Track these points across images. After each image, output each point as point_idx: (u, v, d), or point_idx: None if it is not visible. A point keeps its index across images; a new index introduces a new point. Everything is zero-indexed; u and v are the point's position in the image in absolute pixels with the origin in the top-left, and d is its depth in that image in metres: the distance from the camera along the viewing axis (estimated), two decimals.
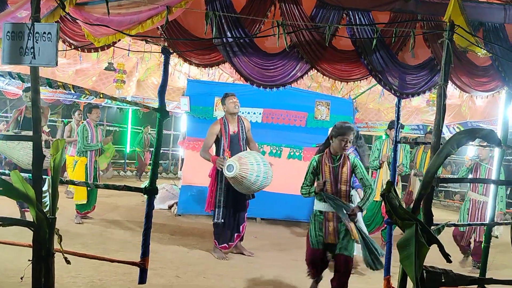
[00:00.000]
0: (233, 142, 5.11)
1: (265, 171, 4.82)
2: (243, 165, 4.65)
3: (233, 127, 5.17)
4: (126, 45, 5.48)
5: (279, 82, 3.60)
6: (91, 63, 7.97)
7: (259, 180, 4.75)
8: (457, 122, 9.10)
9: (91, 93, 3.07)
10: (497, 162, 3.49)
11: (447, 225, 4.01)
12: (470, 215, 5.57)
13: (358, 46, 3.43)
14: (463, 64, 3.59)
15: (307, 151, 7.62)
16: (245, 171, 4.63)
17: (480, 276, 3.16)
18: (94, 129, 6.72)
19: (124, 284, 3.94)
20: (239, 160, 4.70)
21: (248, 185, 4.73)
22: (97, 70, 8.56)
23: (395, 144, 3.80)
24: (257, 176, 4.71)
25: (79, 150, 6.65)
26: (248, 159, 4.77)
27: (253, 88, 3.80)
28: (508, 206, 10.08)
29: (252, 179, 4.68)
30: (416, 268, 2.27)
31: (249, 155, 4.92)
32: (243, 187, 4.76)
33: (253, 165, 4.72)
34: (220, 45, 3.32)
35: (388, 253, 3.75)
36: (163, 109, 3.31)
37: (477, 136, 2.42)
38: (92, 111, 6.83)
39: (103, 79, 8.76)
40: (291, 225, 7.49)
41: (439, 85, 2.57)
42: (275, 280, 4.54)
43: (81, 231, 5.95)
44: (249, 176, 4.65)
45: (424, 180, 2.41)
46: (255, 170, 4.69)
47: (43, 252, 2.54)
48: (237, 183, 4.72)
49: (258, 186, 4.81)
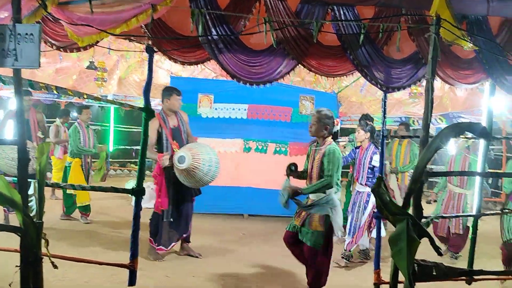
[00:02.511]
0: (175, 136, 4.86)
1: (216, 160, 4.62)
2: (195, 155, 4.45)
3: (173, 121, 4.93)
4: (106, 43, 5.38)
5: (266, 79, 3.58)
6: (71, 62, 7.82)
7: (212, 171, 4.55)
8: (439, 114, 9.22)
9: (74, 93, 2.99)
10: (482, 154, 3.54)
11: (436, 217, 4.07)
12: (444, 205, 5.64)
13: (343, 42, 3.43)
14: (448, 57, 3.63)
15: (292, 146, 7.65)
16: (198, 161, 4.43)
17: (468, 267, 3.21)
18: (85, 130, 6.63)
19: (112, 286, 3.89)
20: (190, 151, 4.51)
21: (201, 176, 4.49)
22: (77, 68, 8.41)
23: (382, 138, 3.82)
24: (210, 166, 4.51)
25: (72, 152, 6.54)
26: (198, 149, 4.59)
27: (238, 84, 3.76)
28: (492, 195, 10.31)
29: (205, 170, 4.47)
30: (408, 262, 2.28)
31: (197, 145, 4.74)
32: (194, 179, 4.52)
33: (203, 154, 4.53)
34: (206, 43, 3.27)
35: (377, 247, 3.78)
36: (148, 108, 3.25)
37: (466, 130, 2.44)
38: (82, 111, 6.73)
39: (84, 78, 8.60)
40: (278, 220, 7.49)
41: (426, 79, 2.58)
42: (266, 276, 4.55)
43: (67, 232, 5.87)
44: (202, 166, 4.44)
45: (414, 175, 2.42)
46: (206, 160, 4.50)
47: (30, 257, 2.48)
48: (189, 175, 4.48)
49: (210, 177, 4.58)
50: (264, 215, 7.67)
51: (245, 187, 7.50)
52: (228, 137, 7.54)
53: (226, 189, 7.38)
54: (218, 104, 7.61)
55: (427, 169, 2.48)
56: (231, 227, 6.95)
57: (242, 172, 7.57)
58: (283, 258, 5.23)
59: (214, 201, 7.22)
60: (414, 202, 2.56)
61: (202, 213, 6.75)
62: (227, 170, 7.14)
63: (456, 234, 5.45)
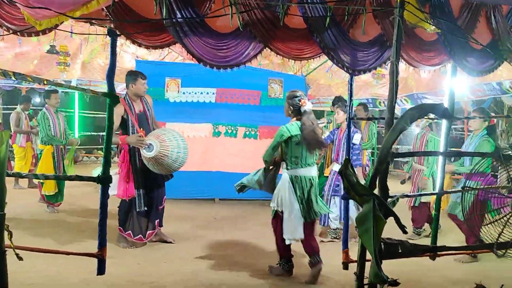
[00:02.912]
0: (141, 122, 4.71)
1: (184, 146, 4.56)
2: (162, 143, 4.36)
3: (138, 106, 4.78)
4: (68, 26, 5.18)
5: (233, 63, 3.54)
6: (31, 46, 7.49)
7: (180, 157, 4.49)
8: (404, 95, 9.42)
9: (34, 79, 2.87)
10: (445, 134, 3.64)
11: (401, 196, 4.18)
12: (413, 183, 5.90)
13: (310, 25, 3.41)
14: (411, 40, 3.68)
15: (262, 129, 7.66)
16: (166, 148, 4.36)
17: (432, 244, 3.33)
18: (55, 115, 6.40)
19: (82, 275, 3.82)
20: (158, 138, 4.40)
21: (170, 164, 4.44)
22: (38, 53, 8.06)
23: (349, 121, 3.87)
24: (178, 152, 4.45)
25: (43, 140, 6.33)
26: (165, 136, 4.48)
27: (206, 68, 3.70)
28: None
29: (173, 156, 4.41)
30: (374, 241, 2.34)
31: (165, 131, 4.63)
32: (163, 167, 4.46)
33: (172, 141, 4.45)
34: (170, 26, 3.19)
35: (345, 227, 3.87)
36: (112, 94, 3.16)
37: (429, 111, 2.50)
38: (50, 96, 6.47)
39: (45, 62, 8.26)
40: (249, 203, 7.55)
41: (391, 62, 2.61)
42: (238, 259, 4.58)
43: (33, 222, 5.73)
44: (170, 153, 4.38)
45: (380, 156, 2.46)
46: (175, 146, 4.43)
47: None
48: (157, 163, 4.41)
49: (179, 163, 4.52)
50: (234, 199, 7.69)
51: (216, 171, 7.48)
52: (197, 121, 7.46)
53: (197, 174, 7.35)
54: (186, 88, 7.50)
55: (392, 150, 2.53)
56: (202, 211, 6.95)
57: (212, 156, 7.54)
58: (254, 240, 5.31)
59: (185, 187, 7.19)
60: (380, 182, 2.61)
61: (173, 199, 6.69)
62: (197, 155, 7.11)
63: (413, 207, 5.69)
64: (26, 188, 8.41)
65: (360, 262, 2.55)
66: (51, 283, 3.65)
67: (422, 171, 5.71)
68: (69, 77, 8.48)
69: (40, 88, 10.88)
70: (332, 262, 4.47)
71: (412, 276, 4.14)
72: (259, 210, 7.03)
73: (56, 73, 8.04)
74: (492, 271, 4.41)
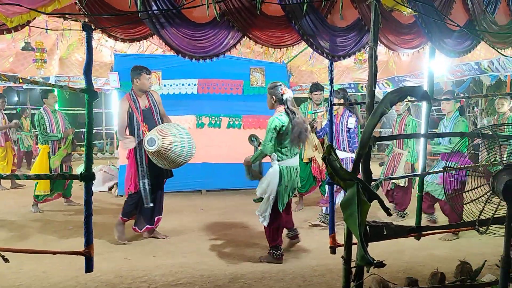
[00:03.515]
0: (147, 117, 4.69)
1: (189, 140, 4.49)
2: (165, 137, 4.30)
3: (143, 101, 4.74)
4: (42, 21, 5.06)
5: (212, 53, 3.50)
6: (5, 44, 7.31)
7: (185, 151, 4.43)
8: (385, 78, 9.48)
9: (8, 78, 2.82)
10: (425, 116, 3.68)
11: (384, 179, 4.24)
12: (387, 165, 5.99)
13: (288, 11, 3.39)
14: (389, 23, 3.69)
15: (246, 119, 7.65)
16: (169, 142, 4.29)
17: (416, 224, 3.38)
18: (52, 115, 6.29)
19: (70, 274, 3.79)
20: (160, 132, 4.35)
21: (174, 158, 4.39)
22: (13, 50, 7.87)
23: (330, 107, 3.88)
24: (182, 146, 4.38)
25: (40, 139, 6.27)
26: (169, 130, 4.42)
27: (186, 59, 3.67)
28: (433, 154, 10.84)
29: (177, 151, 4.35)
30: (360, 224, 2.36)
31: (168, 126, 4.55)
32: (168, 161, 4.41)
33: (175, 135, 4.37)
34: (146, 18, 3.14)
35: (331, 212, 3.91)
36: (91, 90, 3.12)
37: (409, 94, 2.52)
38: (48, 96, 6.38)
39: (21, 60, 8.08)
40: (236, 193, 7.57)
41: (369, 46, 2.62)
42: (227, 249, 4.60)
43: (18, 222, 5.65)
44: (173, 148, 4.32)
45: (362, 140, 2.48)
46: (178, 141, 4.36)
47: None
48: (161, 157, 4.36)
49: (184, 158, 4.47)
50: (221, 189, 7.70)
51: (201, 163, 7.45)
52: (179, 113, 7.39)
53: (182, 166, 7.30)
54: (167, 80, 7.43)
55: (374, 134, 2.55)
56: (189, 204, 6.95)
57: (197, 148, 7.50)
58: (242, 230, 5.33)
59: (171, 180, 7.10)
60: (363, 166, 2.63)
61: None
62: None
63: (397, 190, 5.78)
64: (9, 188, 8.28)
65: (347, 246, 2.58)
66: (39, 283, 3.62)
67: (402, 155, 5.77)
68: (47, 74, 8.29)
69: (17, 87, 10.65)
70: (320, 247, 4.53)
71: (399, 257, 4.22)
72: (246, 200, 7.05)
73: (33, 71, 7.87)
74: (474, 247, 4.52)
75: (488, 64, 6.92)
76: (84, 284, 3.59)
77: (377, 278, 3.18)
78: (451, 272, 3.58)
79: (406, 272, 3.81)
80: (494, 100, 11.61)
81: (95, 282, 3.62)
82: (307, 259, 4.26)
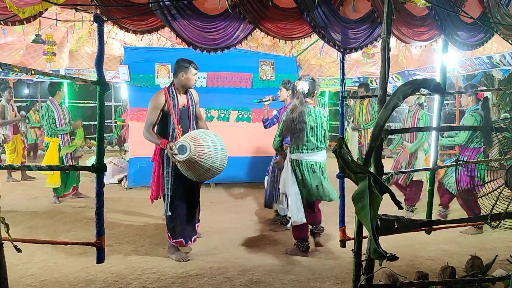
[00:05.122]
0: (182, 118, 4.06)
1: (222, 157, 3.87)
2: (198, 148, 3.70)
3: (182, 99, 4.09)
4: (53, 14, 5.07)
5: (223, 45, 3.50)
6: (16, 36, 7.35)
7: (214, 168, 3.81)
8: (395, 72, 9.40)
9: (20, 70, 2.82)
10: (437, 109, 3.65)
11: (395, 173, 4.22)
12: (396, 160, 5.98)
13: (300, 3, 3.37)
14: (402, 15, 3.65)
15: (255, 112, 7.63)
16: (201, 155, 3.69)
17: (427, 218, 3.36)
18: (59, 107, 6.35)
19: (80, 265, 3.83)
20: (194, 141, 3.73)
21: (200, 172, 3.79)
22: (23, 43, 7.92)
23: (341, 100, 3.86)
24: (213, 162, 3.77)
25: (48, 132, 6.30)
26: (204, 140, 3.78)
27: (195, 52, 3.65)
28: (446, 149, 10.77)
29: (207, 165, 3.74)
30: (371, 218, 2.35)
31: (205, 135, 3.87)
32: (193, 173, 3.80)
33: (210, 148, 3.76)
34: (158, 9, 3.14)
35: (342, 205, 3.89)
36: (102, 81, 3.13)
37: (422, 86, 2.49)
38: (61, 88, 6.48)
39: (32, 53, 8.13)
40: (244, 187, 7.58)
41: (382, 38, 2.59)
42: (236, 242, 4.61)
43: (29, 214, 5.70)
44: (204, 161, 3.71)
45: (374, 133, 2.46)
46: (211, 156, 3.75)
47: None
48: (188, 168, 3.76)
49: (210, 174, 3.85)
50: (230, 182, 7.71)
51: None
52: None
53: None
54: None
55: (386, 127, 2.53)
56: None
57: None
58: (251, 223, 5.34)
59: None
60: (375, 159, 2.62)
61: None
62: None
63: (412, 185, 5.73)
64: (20, 180, 8.36)
65: (357, 239, 2.57)
66: (50, 274, 3.66)
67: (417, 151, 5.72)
68: (56, 66, 8.33)
69: (28, 79, 10.72)
70: (329, 241, 4.53)
71: (409, 251, 4.20)
72: (255, 193, 7.06)
73: (43, 64, 7.92)
74: (485, 242, 4.49)
75: (500, 58, 6.83)
76: (95, 275, 3.62)
77: (387, 272, 3.17)
78: (461, 266, 3.56)
79: (416, 266, 3.80)
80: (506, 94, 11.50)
81: (105, 273, 3.65)
82: (316, 252, 4.26)
